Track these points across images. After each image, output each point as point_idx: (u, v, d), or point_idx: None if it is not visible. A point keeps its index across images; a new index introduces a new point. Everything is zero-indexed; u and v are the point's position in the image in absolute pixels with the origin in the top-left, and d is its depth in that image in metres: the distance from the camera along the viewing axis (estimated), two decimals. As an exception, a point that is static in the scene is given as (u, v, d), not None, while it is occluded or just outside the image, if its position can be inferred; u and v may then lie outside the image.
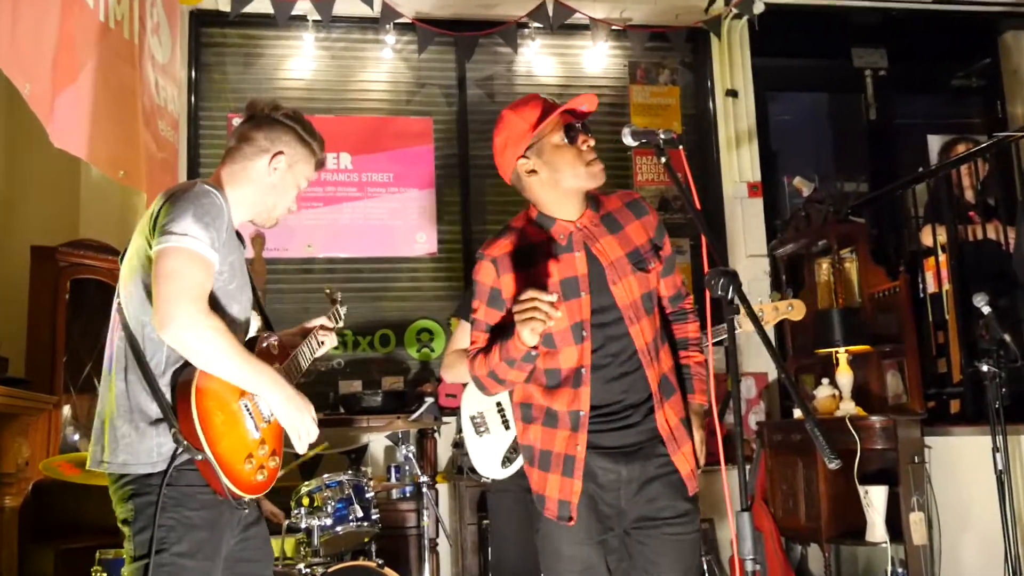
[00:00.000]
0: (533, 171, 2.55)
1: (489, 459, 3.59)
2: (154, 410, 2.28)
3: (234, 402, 2.35)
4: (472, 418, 3.67)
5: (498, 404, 3.64)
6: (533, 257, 2.54)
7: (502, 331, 2.47)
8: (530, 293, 2.25)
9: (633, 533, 2.51)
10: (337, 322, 2.95)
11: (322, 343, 2.83)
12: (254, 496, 2.40)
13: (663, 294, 2.67)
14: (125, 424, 2.30)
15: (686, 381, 2.64)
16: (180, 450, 2.24)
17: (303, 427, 2.41)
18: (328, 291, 3.06)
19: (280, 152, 2.53)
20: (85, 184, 5.40)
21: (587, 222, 2.57)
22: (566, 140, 2.52)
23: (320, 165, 2.66)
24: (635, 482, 2.49)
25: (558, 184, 2.53)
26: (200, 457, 2.24)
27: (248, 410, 2.37)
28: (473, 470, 3.68)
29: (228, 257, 2.40)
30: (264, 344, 2.58)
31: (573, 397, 2.50)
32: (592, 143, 2.52)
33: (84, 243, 5.03)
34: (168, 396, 2.29)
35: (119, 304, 2.39)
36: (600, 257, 2.53)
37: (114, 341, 2.38)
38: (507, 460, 3.55)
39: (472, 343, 2.59)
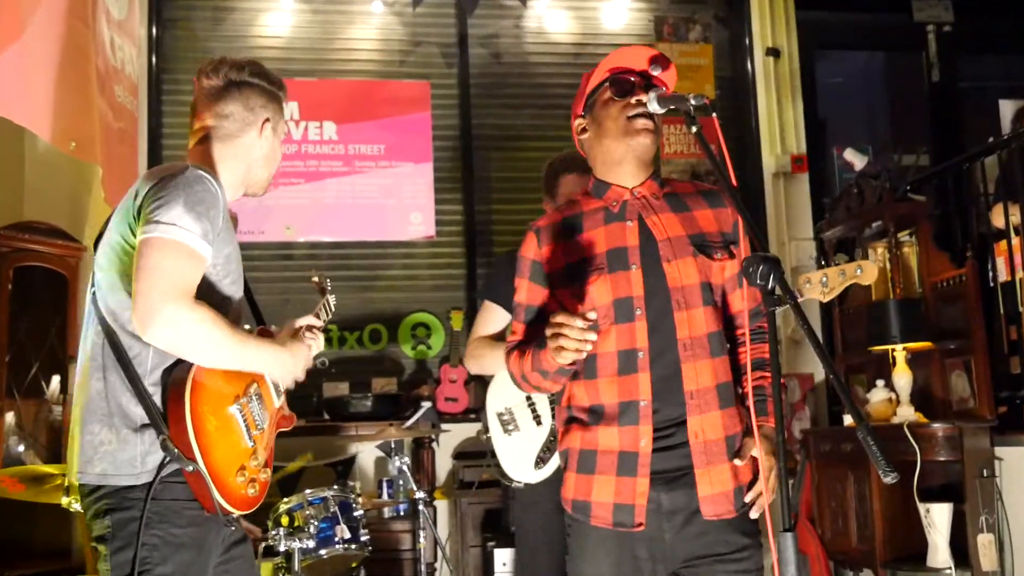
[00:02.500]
0: (584, 130, 2.67)
1: (520, 460, 3.62)
2: (139, 414, 2.30)
3: (228, 406, 2.37)
4: (499, 415, 3.69)
5: (528, 398, 3.67)
6: (579, 226, 2.58)
7: (540, 326, 2.45)
8: (560, 318, 2.26)
9: (683, 574, 2.47)
10: (327, 315, 2.97)
11: (308, 347, 2.83)
12: (245, 512, 2.42)
13: (738, 308, 2.60)
14: (105, 430, 2.31)
15: (758, 404, 2.53)
16: (168, 460, 2.26)
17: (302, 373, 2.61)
18: (316, 279, 3.08)
19: (267, 119, 2.61)
20: (31, 158, 5.41)
21: (646, 192, 2.59)
22: (614, 95, 2.57)
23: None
24: (680, 513, 2.45)
25: (602, 143, 2.60)
26: (191, 468, 2.25)
27: (241, 416, 2.40)
28: (504, 474, 3.69)
29: (224, 249, 2.43)
30: None
31: (625, 385, 2.47)
32: (644, 98, 2.50)
33: (30, 225, 5.04)
34: (156, 398, 2.31)
35: (95, 295, 2.42)
36: (654, 231, 2.54)
37: (89, 336, 2.41)
38: (540, 460, 3.57)
39: (512, 333, 2.63)
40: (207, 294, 2.38)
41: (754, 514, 2.47)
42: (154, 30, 6.29)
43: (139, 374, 2.31)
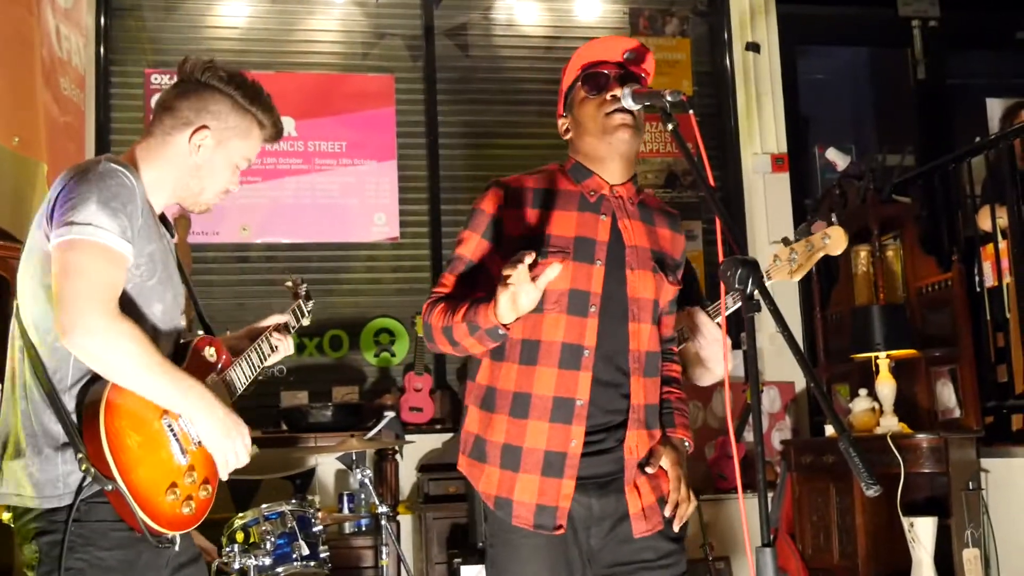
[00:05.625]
0: (567, 130, 2.68)
1: None
2: (60, 432, 2.28)
3: (155, 421, 2.33)
4: None
5: None
6: (551, 201, 2.57)
7: (481, 284, 2.48)
8: (522, 256, 2.23)
9: None
10: (299, 320, 2.94)
11: (275, 348, 2.79)
12: (179, 532, 2.39)
13: (666, 334, 2.71)
14: (29, 450, 2.29)
15: (665, 416, 2.66)
16: (88, 481, 2.23)
17: (231, 454, 2.40)
18: (291, 283, 3.04)
19: (204, 127, 2.49)
20: (-29, 154, 5.36)
21: (624, 193, 2.62)
22: (588, 92, 2.59)
23: (275, 137, 2.63)
24: (609, 519, 2.51)
25: (584, 142, 2.61)
26: (110, 487, 2.22)
27: (172, 431, 2.36)
28: None
29: (146, 248, 2.38)
30: (202, 352, 2.57)
31: (564, 380, 2.49)
32: (618, 94, 2.51)
33: (-30, 225, 4.99)
34: (75, 416, 2.28)
35: (17, 308, 2.39)
36: (624, 234, 2.57)
37: (14, 352, 2.38)
38: None
39: (440, 285, 2.58)
40: (131, 299, 2.35)
41: (676, 527, 2.54)
42: (102, 19, 6.24)
43: (58, 390, 2.28)
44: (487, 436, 2.56)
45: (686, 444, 2.65)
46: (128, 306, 2.30)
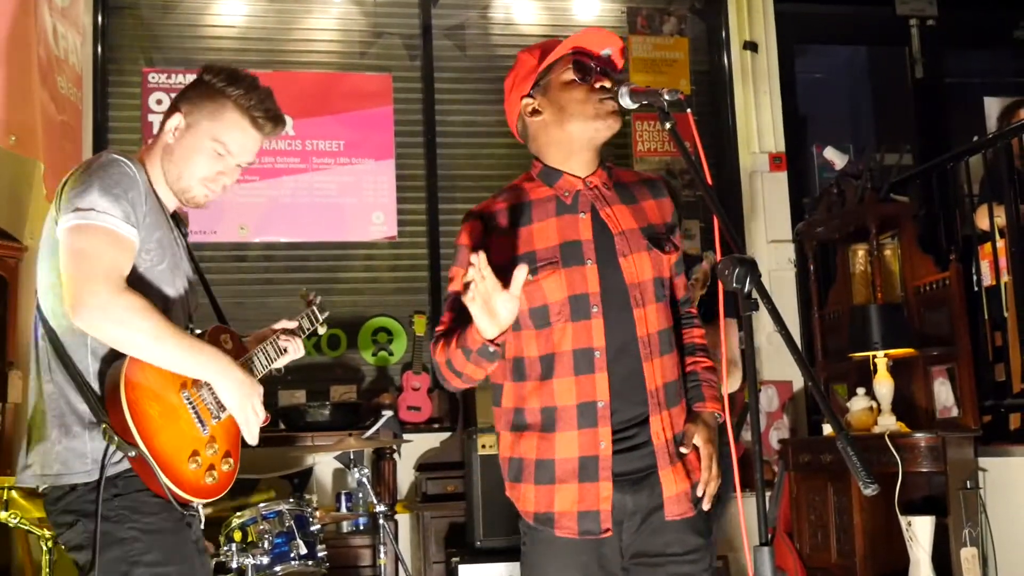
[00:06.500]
0: (537, 111, 2.64)
1: None
2: (87, 411, 2.37)
3: (173, 393, 2.42)
4: None
5: None
6: (528, 216, 2.58)
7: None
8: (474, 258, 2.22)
9: (632, 570, 2.52)
10: (313, 325, 2.99)
11: (284, 350, 2.85)
12: (204, 500, 2.47)
13: (681, 294, 2.71)
14: (56, 430, 2.39)
15: (692, 389, 2.65)
16: (113, 450, 2.31)
17: (251, 412, 2.52)
18: (303, 293, 3.11)
19: (176, 110, 2.60)
20: (-32, 153, 5.35)
21: (598, 182, 2.62)
22: (577, 77, 2.58)
23: (267, 120, 2.62)
24: (640, 512, 2.51)
25: (563, 127, 2.60)
26: (133, 454, 2.30)
27: (191, 403, 2.44)
28: None
29: (154, 234, 2.49)
30: (217, 340, 2.65)
31: (582, 386, 2.49)
32: (607, 85, 2.55)
33: (-33, 224, 4.99)
34: (97, 390, 2.37)
35: (37, 300, 2.50)
36: (609, 223, 2.57)
37: (36, 339, 2.49)
38: None
39: (440, 324, 2.59)
40: (142, 282, 2.45)
41: (706, 505, 2.54)
42: (100, 18, 6.23)
43: (80, 369, 2.39)
44: (520, 455, 2.57)
45: (717, 416, 2.62)
46: (139, 289, 2.39)
